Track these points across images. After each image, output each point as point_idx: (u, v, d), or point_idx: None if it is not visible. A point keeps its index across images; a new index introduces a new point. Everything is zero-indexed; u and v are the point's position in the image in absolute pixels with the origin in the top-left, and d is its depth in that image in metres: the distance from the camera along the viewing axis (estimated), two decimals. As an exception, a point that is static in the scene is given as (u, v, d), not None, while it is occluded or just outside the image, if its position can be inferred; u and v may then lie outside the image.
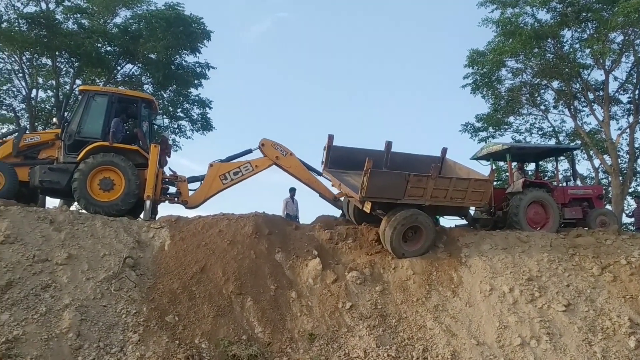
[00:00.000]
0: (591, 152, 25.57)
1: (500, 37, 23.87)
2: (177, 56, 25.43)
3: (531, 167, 17.38)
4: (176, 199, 13.96)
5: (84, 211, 12.52)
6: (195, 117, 27.34)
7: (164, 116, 25.36)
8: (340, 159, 13.67)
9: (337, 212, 14.89)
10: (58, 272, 10.00)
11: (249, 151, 14.56)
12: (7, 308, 9.02)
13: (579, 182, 19.33)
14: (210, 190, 14.02)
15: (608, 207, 21.06)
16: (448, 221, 14.79)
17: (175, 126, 27.22)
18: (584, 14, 22.57)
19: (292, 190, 16.39)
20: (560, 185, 15.58)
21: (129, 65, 25.86)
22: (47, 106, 25.50)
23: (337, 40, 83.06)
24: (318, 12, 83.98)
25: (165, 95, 26.52)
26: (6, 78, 24.23)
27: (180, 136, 27.32)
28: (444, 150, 14.44)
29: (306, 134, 74.78)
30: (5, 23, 22.16)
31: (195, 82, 26.21)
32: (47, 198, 15.68)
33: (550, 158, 19.35)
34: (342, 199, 14.47)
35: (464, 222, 14.17)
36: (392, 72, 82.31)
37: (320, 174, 14.43)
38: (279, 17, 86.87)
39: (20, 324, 8.79)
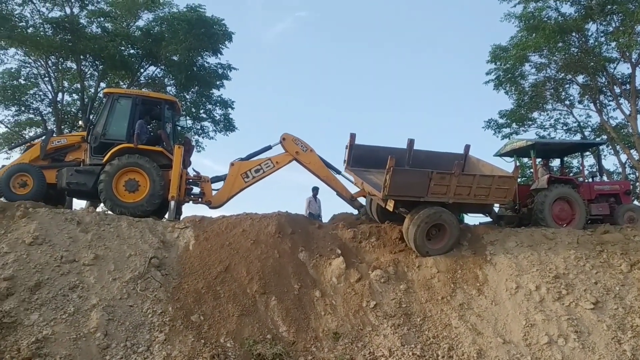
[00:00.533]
0: (618, 147, 25.18)
1: (523, 32, 23.65)
2: (199, 58, 25.66)
3: (556, 163, 17.14)
4: (200, 199, 14.07)
5: (110, 212, 12.67)
6: (218, 117, 27.60)
7: (187, 117, 25.60)
8: (363, 158, 13.64)
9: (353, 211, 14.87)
10: (85, 272, 10.16)
11: (269, 147, 14.58)
12: (37, 308, 9.20)
13: (605, 178, 19.03)
14: (233, 189, 14.09)
15: (636, 202, 20.72)
16: (472, 219, 14.68)
17: (198, 127, 27.48)
18: (609, 7, 22.22)
19: (315, 190, 16.38)
20: (586, 181, 15.36)
21: (152, 68, 26.28)
22: (72, 109, 25.97)
23: (356, 38, 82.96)
24: (337, 10, 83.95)
25: (187, 97, 26.79)
26: (33, 82, 24.76)
27: (203, 137, 27.60)
28: (467, 147, 14.32)
29: (328, 133, 74.82)
30: (31, 28, 22.67)
31: (217, 83, 26.42)
32: (74, 200, 15.91)
33: (576, 154, 19.11)
34: (359, 198, 14.45)
35: (488, 219, 14.03)
36: (413, 69, 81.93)
37: (339, 172, 14.46)
38: (299, 16, 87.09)
39: (50, 324, 8.95)
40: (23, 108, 25.13)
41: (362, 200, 14.60)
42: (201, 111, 27.28)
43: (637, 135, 22.86)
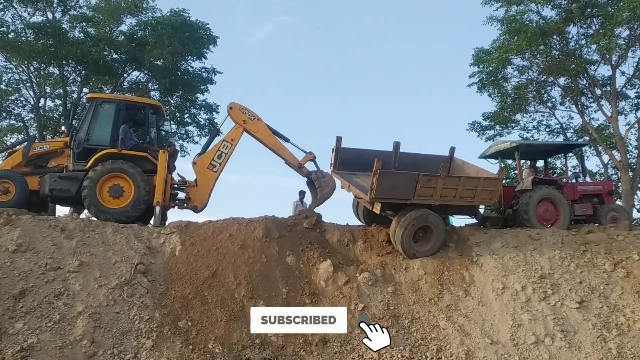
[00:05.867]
0: (600, 148, 25.45)
1: (505, 35, 23.86)
2: (183, 62, 25.57)
3: (539, 164, 17.29)
4: (185, 205, 13.98)
5: (94, 219, 12.54)
6: (203, 122, 27.45)
7: (171, 122, 25.46)
8: (349, 161, 13.64)
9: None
10: (70, 279, 10.03)
11: (217, 131, 14.95)
12: (21, 316, 9.08)
13: (588, 179, 19.23)
14: (207, 185, 14.02)
15: (618, 202, 20.98)
16: (458, 220, 14.76)
17: (183, 132, 27.33)
18: (589, 10, 22.58)
19: (302, 193, 16.33)
20: (570, 182, 15.50)
21: (136, 72, 26.12)
22: (55, 115, 25.70)
23: (340, 43, 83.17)
24: (321, 15, 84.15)
25: (172, 101, 26.62)
26: (14, 88, 24.42)
27: (187, 141, 27.44)
28: (452, 150, 14.38)
29: (313, 137, 74.79)
30: (12, 33, 22.39)
31: (202, 87, 26.31)
32: (57, 206, 15.74)
33: (559, 155, 19.29)
34: (306, 165, 14.60)
35: (474, 221, 14.11)
36: (397, 73, 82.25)
37: (287, 140, 14.62)
38: (282, 20, 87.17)
39: (35, 332, 8.83)
40: (4, 114, 24.75)
41: (309, 167, 14.71)
42: (185, 116, 27.15)
43: (618, 136, 23.18)
